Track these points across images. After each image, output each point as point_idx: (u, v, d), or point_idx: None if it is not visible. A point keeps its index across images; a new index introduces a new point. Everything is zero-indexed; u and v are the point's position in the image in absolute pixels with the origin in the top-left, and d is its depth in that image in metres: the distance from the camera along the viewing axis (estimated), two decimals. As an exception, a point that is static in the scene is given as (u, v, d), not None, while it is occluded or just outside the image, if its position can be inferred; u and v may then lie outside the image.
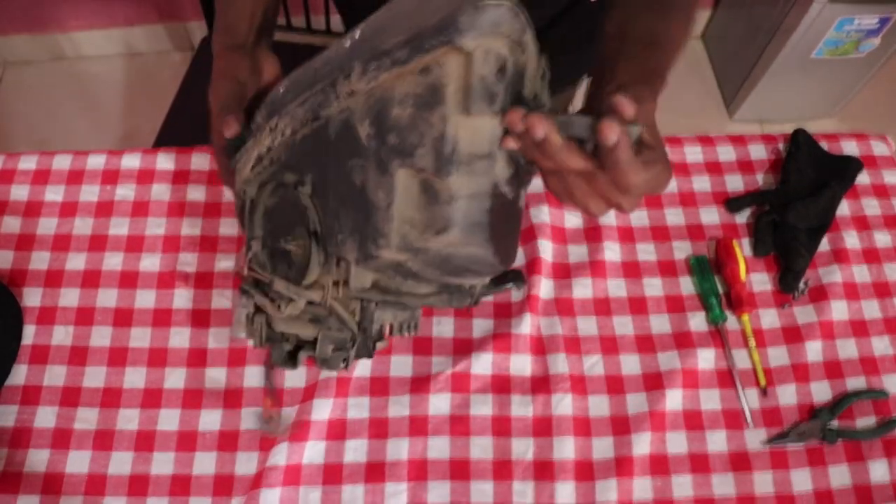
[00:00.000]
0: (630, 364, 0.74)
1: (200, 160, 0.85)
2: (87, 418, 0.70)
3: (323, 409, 0.69)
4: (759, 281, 0.79)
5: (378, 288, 0.50)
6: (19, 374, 0.72)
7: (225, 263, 0.78)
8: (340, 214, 0.46)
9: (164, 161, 0.85)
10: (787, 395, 0.73)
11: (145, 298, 0.76)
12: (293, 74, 0.51)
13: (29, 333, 0.74)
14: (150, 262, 0.78)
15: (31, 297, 0.76)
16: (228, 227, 0.81)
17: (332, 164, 0.45)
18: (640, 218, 0.83)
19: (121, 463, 0.68)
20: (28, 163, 0.84)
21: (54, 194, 0.82)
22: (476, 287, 0.56)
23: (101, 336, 0.74)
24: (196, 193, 0.83)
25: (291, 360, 0.57)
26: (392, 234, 0.43)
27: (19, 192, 0.82)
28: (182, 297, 0.76)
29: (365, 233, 0.45)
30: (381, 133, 0.42)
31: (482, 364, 0.73)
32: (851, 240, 0.82)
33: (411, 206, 0.43)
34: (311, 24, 1.32)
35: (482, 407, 0.71)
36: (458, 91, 0.39)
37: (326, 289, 0.50)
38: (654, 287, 0.79)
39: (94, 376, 0.72)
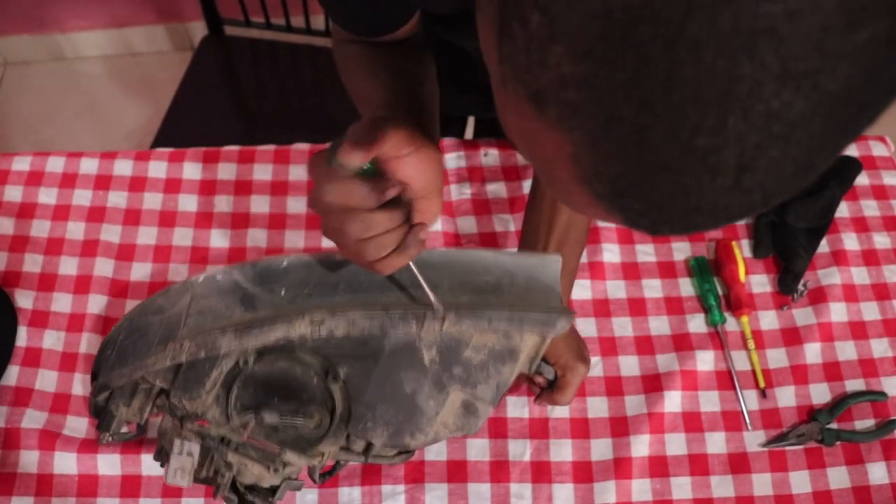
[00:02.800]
0: (629, 365, 0.74)
1: (192, 169, 0.84)
2: (76, 427, 0.69)
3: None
4: (759, 282, 0.79)
5: (365, 454, 0.58)
6: (11, 376, 0.72)
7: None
8: (378, 408, 0.56)
9: (157, 168, 0.84)
10: (785, 396, 0.73)
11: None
12: (304, 259, 0.57)
13: (21, 335, 0.74)
14: (141, 272, 0.78)
15: (24, 300, 0.76)
16: (218, 238, 0.80)
17: (381, 369, 0.55)
18: (638, 219, 0.83)
19: (110, 464, 0.68)
20: (22, 164, 0.84)
21: (48, 196, 0.82)
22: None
23: (90, 344, 0.73)
24: (187, 204, 0.82)
25: None
26: (430, 433, 0.56)
27: (13, 193, 0.82)
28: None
29: (403, 427, 0.56)
30: (448, 363, 0.55)
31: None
32: (850, 241, 0.81)
33: (451, 414, 0.57)
34: (310, 25, 1.32)
35: (479, 409, 0.71)
36: (527, 355, 0.57)
37: (327, 455, 0.57)
38: (653, 288, 0.78)
39: (85, 384, 0.71)
